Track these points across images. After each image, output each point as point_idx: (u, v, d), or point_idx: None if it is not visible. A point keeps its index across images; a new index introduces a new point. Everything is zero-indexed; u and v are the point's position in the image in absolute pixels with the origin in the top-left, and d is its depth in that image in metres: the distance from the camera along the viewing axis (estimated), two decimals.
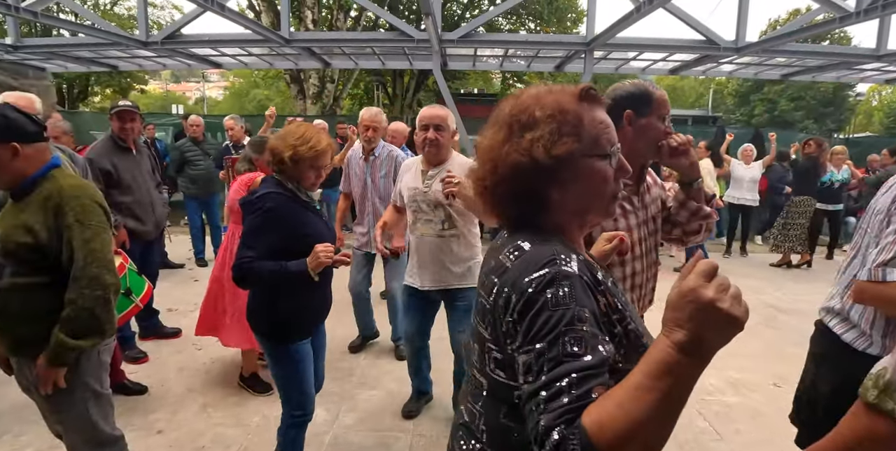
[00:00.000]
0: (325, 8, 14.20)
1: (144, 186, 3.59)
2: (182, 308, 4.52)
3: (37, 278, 1.63)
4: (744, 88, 27.79)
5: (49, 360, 1.60)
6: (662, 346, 0.66)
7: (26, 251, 1.59)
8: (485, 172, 0.92)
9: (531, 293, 0.77)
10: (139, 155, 3.62)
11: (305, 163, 1.89)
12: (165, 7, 20.02)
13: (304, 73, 12.79)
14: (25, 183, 1.64)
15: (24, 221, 1.60)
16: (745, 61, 7.83)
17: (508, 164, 0.87)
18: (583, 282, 0.78)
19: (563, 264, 0.79)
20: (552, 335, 0.73)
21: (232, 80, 35.33)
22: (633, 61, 8.26)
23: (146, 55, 7.92)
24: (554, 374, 0.71)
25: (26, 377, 1.70)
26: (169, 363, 3.51)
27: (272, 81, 23.09)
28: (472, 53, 8.00)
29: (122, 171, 3.41)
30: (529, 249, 0.84)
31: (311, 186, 1.98)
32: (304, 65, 9.02)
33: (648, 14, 4.95)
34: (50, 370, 1.61)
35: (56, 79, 11.01)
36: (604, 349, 0.73)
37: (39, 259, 1.61)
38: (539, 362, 0.73)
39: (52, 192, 1.63)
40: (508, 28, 18.22)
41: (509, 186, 0.88)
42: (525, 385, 0.75)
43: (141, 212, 3.54)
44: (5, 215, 1.67)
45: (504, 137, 0.89)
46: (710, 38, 6.33)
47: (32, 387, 1.70)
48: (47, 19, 5.89)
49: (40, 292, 1.63)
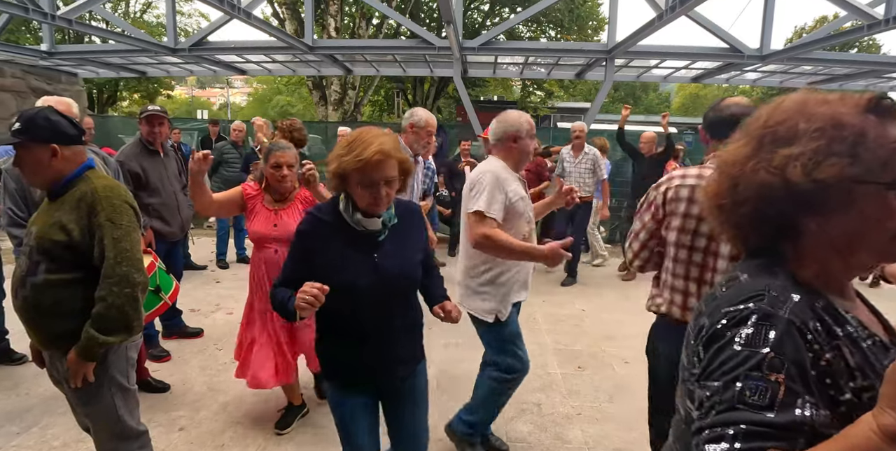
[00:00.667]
0: (347, 16, 14.41)
1: (171, 189, 3.68)
2: (204, 309, 4.60)
3: (69, 274, 1.68)
4: (768, 97, 27.41)
5: (79, 354, 1.65)
6: (866, 427, 0.57)
7: (60, 249, 1.65)
8: (722, 188, 0.80)
9: (720, 326, 0.70)
10: (167, 158, 3.71)
11: (352, 178, 1.50)
12: (193, 15, 20.51)
13: (326, 80, 12.97)
14: (61, 183, 1.71)
15: (58, 219, 1.66)
16: (769, 69, 7.73)
17: (753, 183, 0.75)
18: (794, 328, 0.67)
19: (771, 301, 0.69)
20: (730, 377, 0.66)
21: (255, 86, 35.94)
22: (654, 69, 8.22)
23: (174, 61, 8.13)
24: (723, 417, 0.64)
25: (57, 369, 1.76)
26: (191, 363, 3.58)
27: (294, 87, 23.44)
28: (492, 61, 8.04)
29: (150, 173, 3.49)
30: (745, 280, 0.76)
31: (369, 207, 1.54)
32: (327, 72, 9.17)
33: (671, 22, 4.93)
34: (80, 365, 1.66)
35: (87, 84, 11.33)
36: (802, 413, 0.62)
37: (72, 257, 1.67)
38: (711, 400, 0.67)
39: (86, 192, 1.69)
40: (529, 35, 18.25)
41: (753, 207, 0.76)
42: (696, 420, 0.69)
43: (167, 213, 3.62)
44: (41, 214, 1.74)
45: (751, 151, 0.77)
46: (733, 45, 6.28)
47: (63, 380, 1.76)
48: (81, 27, 6.10)
49: (72, 289, 1.68)
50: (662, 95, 36.36)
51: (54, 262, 1.67)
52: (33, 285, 1.67)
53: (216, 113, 35.18)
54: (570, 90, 21.18)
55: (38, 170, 1.70)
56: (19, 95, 8.28)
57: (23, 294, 1.69)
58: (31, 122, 1.67)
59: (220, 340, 3.94)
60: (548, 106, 20.29)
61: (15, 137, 1.67)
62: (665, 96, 36.95)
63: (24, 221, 2.61)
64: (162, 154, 3.66)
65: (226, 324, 4.26)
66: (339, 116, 13.03)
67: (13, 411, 2.85)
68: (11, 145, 1.69)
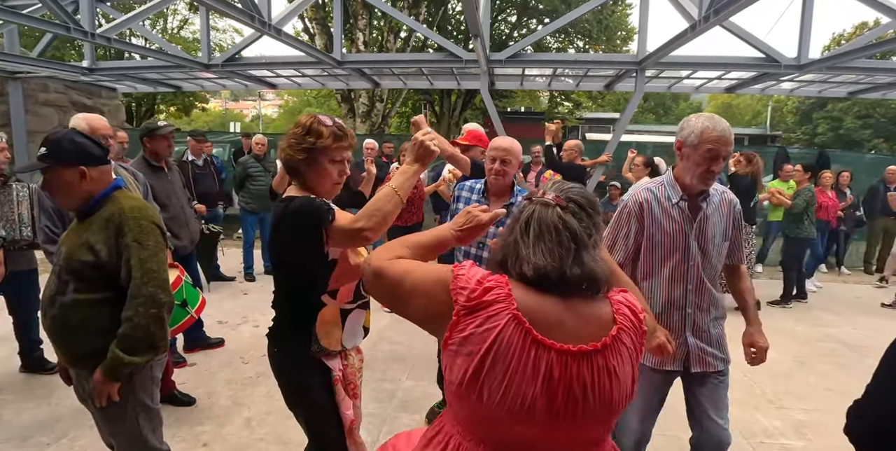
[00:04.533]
0: (375, 29, 14.62)
1: (178, 204, 3.69)
2: (231, 321, 4.63)
3: (97, 294, 1.69)
4: (805, 106, 26.59)
5: (105, 374, 1.66)
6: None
7: (88, 269, 1.66)
8: None
9: None
10: (171, 173, 3.71)
11: None
12: (227, 30, 21.10)
13: (354, 93, 13.14)
14: (90, 204, 1.74)
15: (86, 239, 1.68)
16: (807, 79, 7.48)
17: None
18: None
19: None
20: None
21: (286, 98, 36.74)
22: (686, 80, 8.05)
23: (208, 77, 8.34)
24: None
25: (83, 387, 1.76)
26: (217, 375, 3.59)
27: (324, 99, 23.86)
28: (519, 73, 8.00)
29: (156, 189, 3.45)
30: None
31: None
32: (355, 85, 9.26)
33: (704, 32, 4.81)
34: (105, 384, 1.66)
35: (125, 98, 11.74)
36: None
37: (100, 277, 1.68)
38: None
39: (114, 212, 1.70)
40: (556, 46, 18.20)
41: None
42: None
43: (176, 228, 3.62)
44: (70, 234, 1.77)
45: None
46: (770, 55, 6.09)
47: (88, 398, 1.76)
48: (120, 44, 6.30)
49: (100, 308, 1.69)
50: (693, 105, 35.62)
51: (83, 282, 1.68)
52: (62, 304, 1.68)
53: (248, 125, 36.08)
54: (599, 101, 21.00)
55: (68, 192, 1.72)
56: (61, 109, 8.60)
57: (52, 313, 1.71)
58: (57, 145, 1.69)
59: (247, 353, 3.95)
60: (576, 117, 20.14)
61: (43, 161, 1.68)
62: (696, 106, 36.19)
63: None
64: (166, 169, 3.67)
65: (251, 337, 4.27)
66: (367, 129, 13.16)
67: (44, 421, 2.89)
68: (39, 170, 1.70)
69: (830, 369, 4.05)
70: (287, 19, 5.95)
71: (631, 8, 18.82)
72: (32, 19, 5.29)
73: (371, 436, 2.86)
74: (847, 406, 1.24)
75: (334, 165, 1.67)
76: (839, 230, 7.42)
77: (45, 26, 5.28)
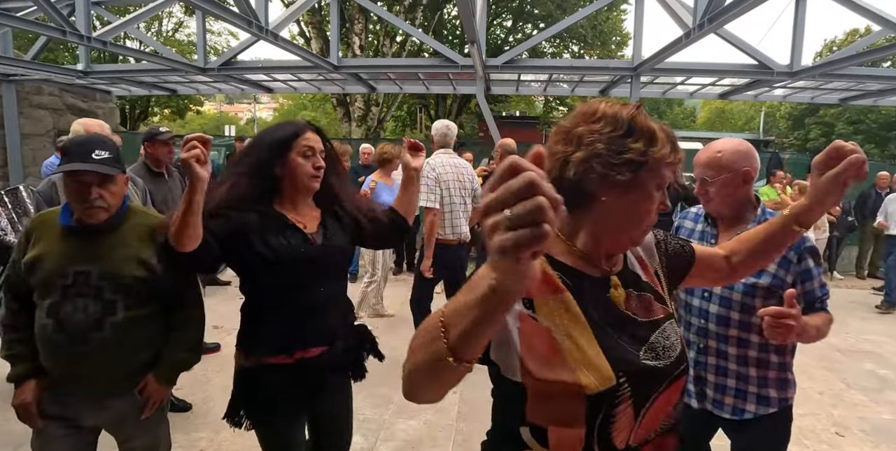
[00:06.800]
0: (371, 34, 14.66)
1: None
2: (227, 326, 4.61)
3: (147, 308, 1.67)
4: (797, 111, 26.88)
5: (166, 380, 1.70)
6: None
7: (141, 284, 1.63)
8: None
9: None
10: (171, 179, 3.65)
11: None
12: (222, 33, 21.10)
13: (350, 97, 13.16)
14: (119, 214, 1.66)
15: (133, 255, 1.63)
16: (800, 85, 7.57)
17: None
18: None
19: None
20: None
21: (281, 101, 36.76)
22: (680, 85, 8.13)
23: (203, 80, 8.34)
24: None
25: (107, 412, 1.69)
26: (213, 382, 3.57)
27: (319, 102, 23.88)
28: (515, 78, 8.05)
29: (154, 195, 3.36)
30: None
31: None
32: (351, 90, 9.29)
33: (698, 40, 4.87)
34: (162, 391, 1.70)
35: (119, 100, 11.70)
36: None
37: (149, 290, 1.64)
38: None
39: (150, 226, 1.67)
40: (551, 51, 18.30)
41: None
42: None
43: None
44: (96, 250, 1.62)
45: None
46: (763, 62, 6.17)
47: (122, 418, 1.70)
48: (115, 48, 6.30)
49: (151, 321, 1.68)
50: (688, 110, 35.90)
51: (134, 298, 1.63)
52: (113, 325, 1.60)
53: (243, 128, 35.98)
54: None
55: (120, 200, 1.65)
56: (56, 112, 8.57)
57: (100, 337, 1.59)
58: (117, 152, 1.62)
59: None
60: None
61: (112, 165, 1.59)
62: (690, 111, 36.49)
63: None
64: (166, 175, 3.62)
65: None
66: (363, 132, 13.18)
67: None
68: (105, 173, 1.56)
69: (823, 373, 4.08)
70: (284, 24, 5.97)
71: (625, 13, 18.96)
72: (28, 23, 5.28)
73: (367, 442, 2.86)
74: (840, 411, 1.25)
75: (658, 192, 0.96)
76: (831, 236, 7.50)
77: (41, 30, 5.27)
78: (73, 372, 1.61)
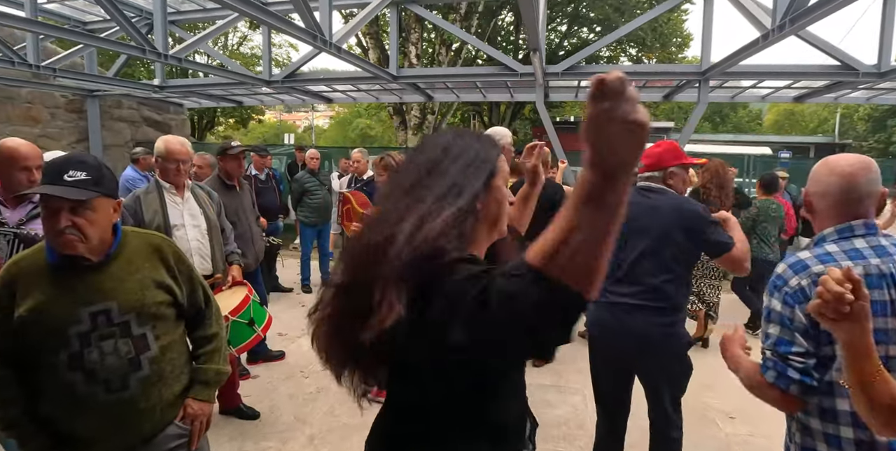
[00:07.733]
0: (426, 42, 14.79)
1: (246, 222, 3.76)
2: (290, 334, 4.71)
3: (175, 331, 1.61)
4: (879, 113, 24.98)
5: (207, 398, 1.67)
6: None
7: (166, 308, 1.55)
8: None
9: None
10: (242, 192, 3.80)
11: None
12: (283, 45, 21.86)
13: (406, 106, 13.32)
14: (116, 242, 1.50)
15: (149, 278, 1.52)
16: (886, 86, 7.01)
17: None
18: None
19: None
20: None
21: (337, 109, 37.70)
22: (751, 89, 7.72)
23: (267, 92, 8.64)
24: None
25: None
26: (280, 389, 3.64)
27: (375, 110, 24.32)
28: (574, 85, 7.88)
29: (227, 207, 3.45)
30: None
31: None
32: (408, 99, 9.37)
33: (777, 42, 4.58)
34: (206, 408, 1.66)
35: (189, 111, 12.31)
36: None
37: (173, 312, 1.60)
38: None
39: (151, 244, 1.59)
40: (608, 55, 17.88)
41: None
42: None
43: (243, 245, 3.62)
44: (105, 284, 1.44)
45: None
46: (846, 62, 5.74)
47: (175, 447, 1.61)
48: (188, 64, 6.60)
49: (181, 343, 1.65)
50: (753, 112, 34.07)
51: (161, 325, 1.53)
52: (151, 360, 1.49)
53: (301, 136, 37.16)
54: (653, 110, 20.47)
55: (105, 229, 1.44)
56: (133, 124, 9.12)
57: (137, 377, 1.45)
58: (100, 172, 1.40)
59: (307, 367, 4.00)
60: None
61: (88, 188, 1.35)
62: (756, 113, 34.61)
63: None
64: (238, 188, 3.76)
65: (310, 350, 4.27)
66: (419, 140, 13.29)
67: None
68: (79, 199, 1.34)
69: None
70: (347, 37, 6.08)
71: (686, 14, 18.29)
72: (113, 43, 5.61)
73: None
74: None
75: None
76: None
77: (123, 49, 5.59)
78: (109, 425, 1.43)
